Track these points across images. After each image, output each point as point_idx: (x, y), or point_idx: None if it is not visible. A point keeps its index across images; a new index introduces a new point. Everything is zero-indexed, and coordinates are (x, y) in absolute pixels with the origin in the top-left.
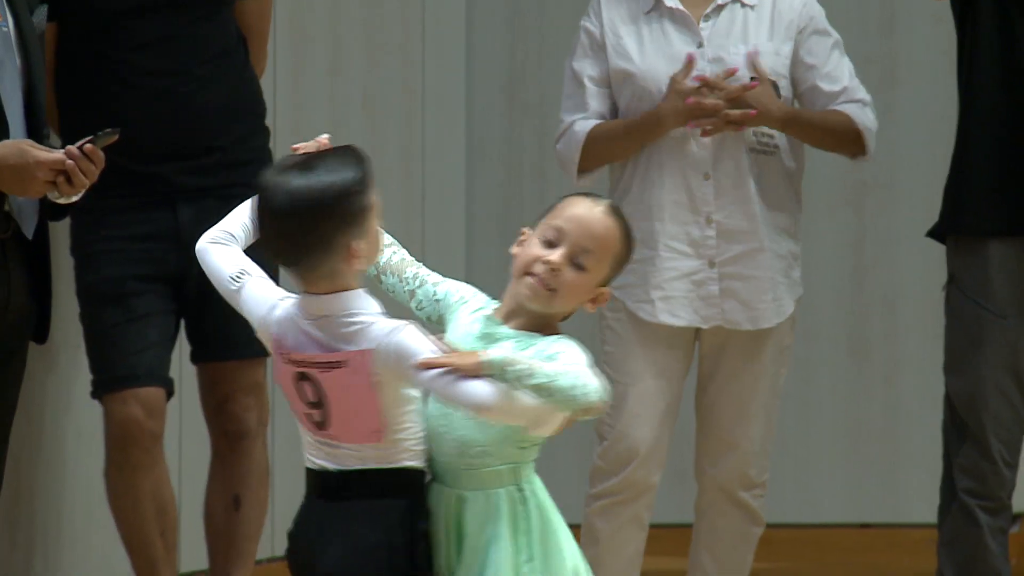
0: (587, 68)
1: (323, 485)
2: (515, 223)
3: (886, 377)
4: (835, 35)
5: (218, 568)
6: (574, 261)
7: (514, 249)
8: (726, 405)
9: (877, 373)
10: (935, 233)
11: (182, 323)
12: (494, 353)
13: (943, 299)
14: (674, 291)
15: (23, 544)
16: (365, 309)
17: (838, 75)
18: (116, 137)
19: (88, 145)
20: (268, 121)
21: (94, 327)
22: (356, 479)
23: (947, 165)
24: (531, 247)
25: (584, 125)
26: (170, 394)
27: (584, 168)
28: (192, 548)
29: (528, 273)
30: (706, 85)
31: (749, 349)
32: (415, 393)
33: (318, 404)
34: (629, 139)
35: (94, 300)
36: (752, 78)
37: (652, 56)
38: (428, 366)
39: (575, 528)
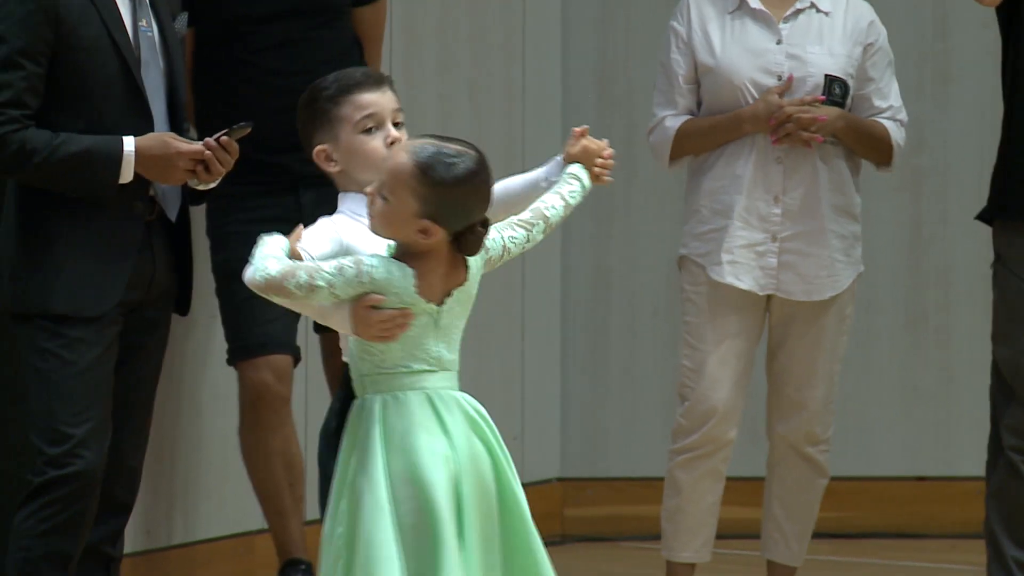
0: (676, 66)
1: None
2: (606, 207)
3: (940, 345)
4: (892, 55)
5: None
6: (380, 194)
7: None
8: (794, 370)
9: (932, 341)
10: (983, 216)
11: None
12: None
13: (991, 276)
14: (740, 257)
15: (165, 494)
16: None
17: (888, 92)
18: (249, 130)
19: (224, 137)
20: None
21: (229, 301)
22: None
23: (994, 155)
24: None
25: (675, 122)
26: (297, 361)
27: (674, 158)
28: (316, 499)
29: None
30: (788, 87)
31: (813, 319)
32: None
33: None
34: (713, 137)
35: (228, 277)
36: (828, 86)
37: (732, 50)
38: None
39: (659, 480)
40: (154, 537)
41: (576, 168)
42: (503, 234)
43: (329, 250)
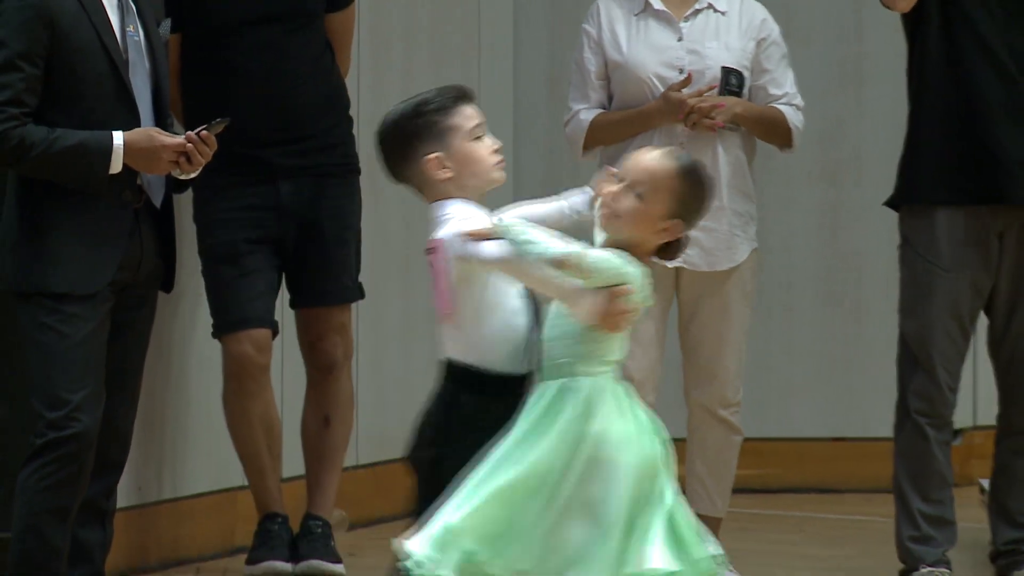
0: (589, 64)
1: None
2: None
3: (854, 319)
4: (785, 48)
5: (312, 474)
6: (635, 192)
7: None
8: (705, 342)
9: (846, 316)
10: (891, 203)
11: (283, 277)
12: (507, 219)
13: (898, 257)
14: None
15: (155, 457)
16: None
17: (783, 81)
18: (225, 126)
19: (203, 132)
20: (352, 112)
21: (213, 281)
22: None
23: (902, 149)
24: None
25: (588, 115)
26: (275, 334)
27: (587, 148)
28: (292, 458)
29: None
30: (688, 83)
31: (718, 293)
32: (480, 288)
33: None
34: (624, 129)
35: (213, 259)
36: (725, 77)
37: (638, 48)
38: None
39: None
40: (144, 493)
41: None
42: None
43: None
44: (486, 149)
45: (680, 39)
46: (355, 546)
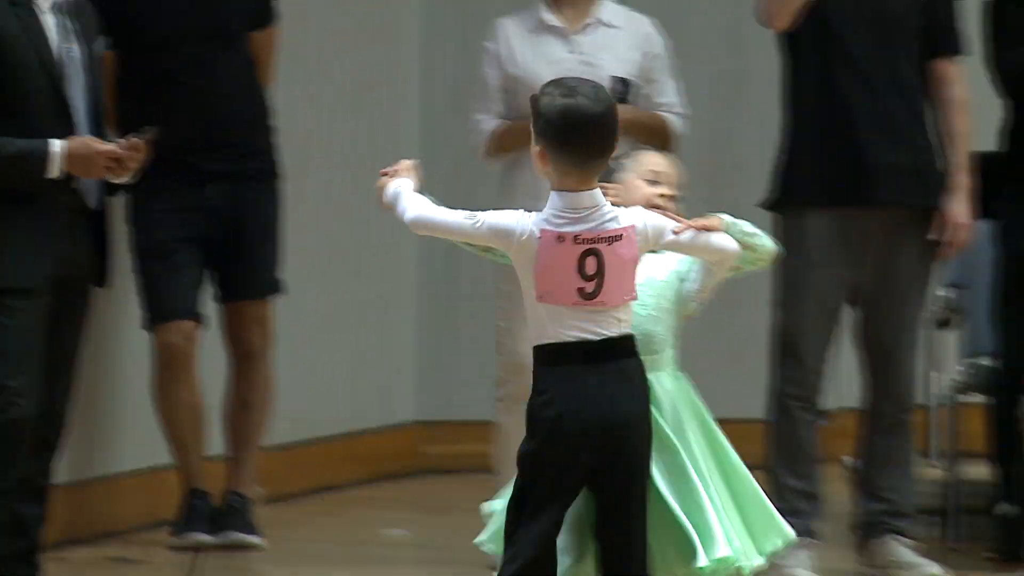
0: (490, 78)
1: (585, 353)
2: (457, 199)
3: (734, 311)
4: (669, 60)
5: (233, 454)
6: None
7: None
8: None
9: (727, 307)
10: (766, 204)
11: (209, 273)
12: (726, 217)
13: None
14: None
15: (88, 437)
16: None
17: (666, 90)
18: (153, 134)
19: (135, 139)
20: (273, 122)
21: (144, 276)
22: (617, 343)
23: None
24: (640, 188)
25: (489, 124)
26: (201, 325)
27: (490, 154)
28: (215, 439)
29: (653, 206)
30: None
31: None
32: None
33: (594, 276)
34: (522, 137)
35: (144, 256)
36: (614, 85)
37: (534, 61)
38: (684, 230)
39: (487, 424)
40: (79, 470)
41: None
42: None
43: None
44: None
45: (573, 52)
46: (272, 519)
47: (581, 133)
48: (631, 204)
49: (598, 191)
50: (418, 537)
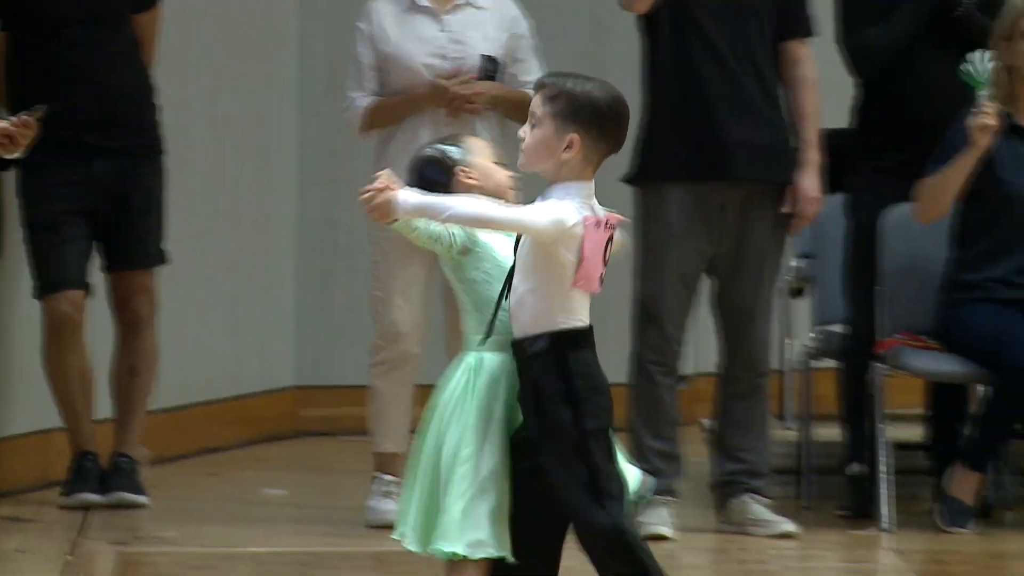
0: (363, 57)
1: (591, 336)
2: (335, 171)
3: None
4: (534, 41)
5: (120, 417)
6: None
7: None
8: None
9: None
10: (627, 179)
11: (96, 244)
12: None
13: (634, 226)
14: None
15: None
16: None
17: (532, 69)
18: (42, 112)
19: (25, 117)
20: (157, 101)
21: (34, 247)
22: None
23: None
24: (496, 172)
25: (364, 101)
26: (89, 294)
27: (363, 130)
28: (102, 403)
29: (508, 188)
30: (455, 76)
31: None
32: None
33: (607, 262)
34: (395, 113)
35: (34, 228)
36: (483, 64)
37: (405, 41)
38: None
39: (362, 389)
40: None
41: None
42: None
43: None
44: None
45: (443, 31)
46: (157, 480)
47: (624, 123)
48: (490, 189)
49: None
50: (296, 496)
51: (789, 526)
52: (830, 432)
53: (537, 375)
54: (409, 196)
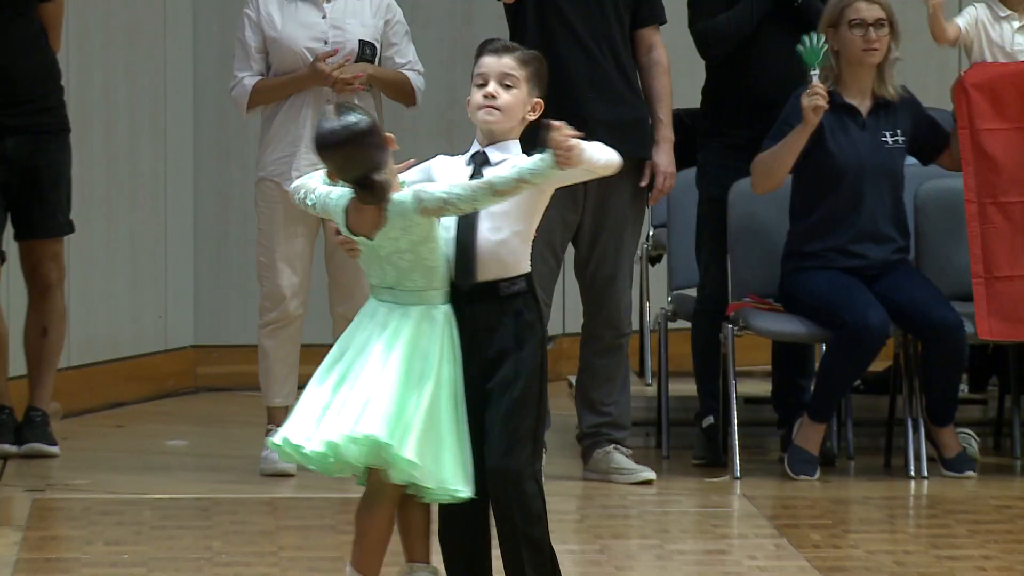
0: (250, 40)
1: None
2: (226, 146)
3: None
4: (406, 26)
5: (33, 374)
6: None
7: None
8: (347, 263)
9: None
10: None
11: (8, 216)
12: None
13: None
14: (305, 173)
15: None
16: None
17: (406, 52)
18: None
19: None
20: (63, 82)
21: None
22: None
23: None
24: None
25: (251, 80)
26: (2, 261)
27: (250, 107)
28: (16, 361)
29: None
30: (332, 57)
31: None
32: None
33: None
34: (280, 91)
35: None
36: (361, 48)
37: (290, 26)
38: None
39: (254, 347)
40: None
41: (543, 153)
42: (448, 190)
43: (415, 177)
44: (479, 94)
45: (324, 17)
46: (68, 432)
47: None
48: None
49: None
50: (195, 447)
51: (649, 474)
52: (685, 388)
53: (520, 313)
54: (586, 145)
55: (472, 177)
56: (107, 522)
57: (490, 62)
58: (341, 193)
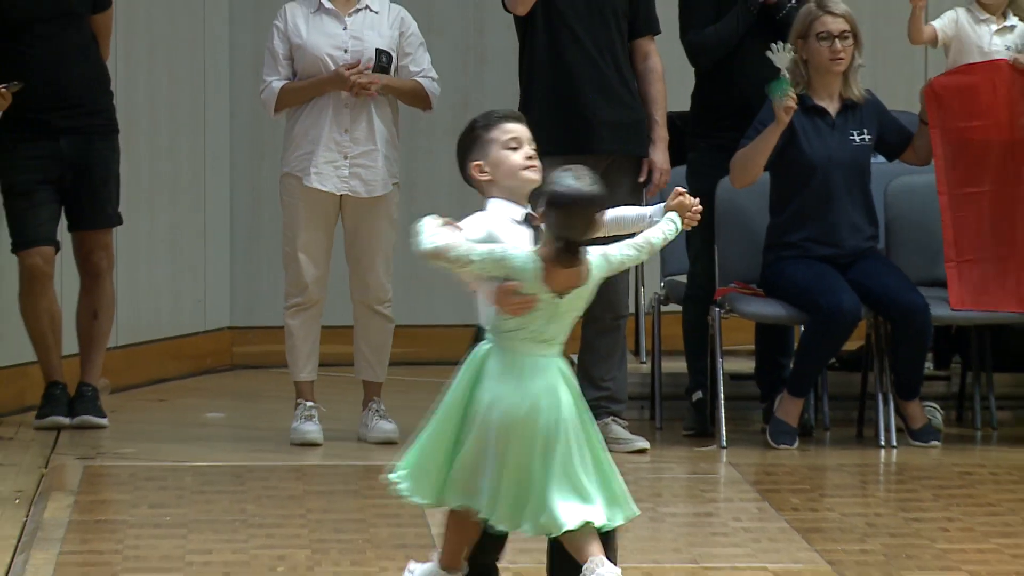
0: (278, 48)
1: None
2: (259, 145)
3: None
4: (420, 37)
5: (84, 353)
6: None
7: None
8: (363, 256)
9: None
10: None
11: (63, 208)
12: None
13: None
14: (323, 170)
15: None
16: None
17: (421, 61)
18: (19, 87)
19: (2, 88)
20: (112, 88)
21: (11, 211)
22: None
23: None
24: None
25: (278, 84)
26: (57, 250)
27: (278, 109)
28: (69, 341)
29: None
30: (354, 67)
31: (372, 217)
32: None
33: None
34: (304, 94)
35: (10, 195)
36: (378, 57)
37: (314, 35)
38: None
39: (281, 329)
40: None
41: (673, 215)
42: (621, 251)
43: (482, 236)
44: (519, 156)
45: (345, 28)
46: (114, 405)
47: None
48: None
49: (487, 199)
50: (231, 419)
51: (643, 443)
52: (676, 365)
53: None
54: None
55: (533, 238)
56: (151, 487)
57: (517, 128)
58: (527, 254)
